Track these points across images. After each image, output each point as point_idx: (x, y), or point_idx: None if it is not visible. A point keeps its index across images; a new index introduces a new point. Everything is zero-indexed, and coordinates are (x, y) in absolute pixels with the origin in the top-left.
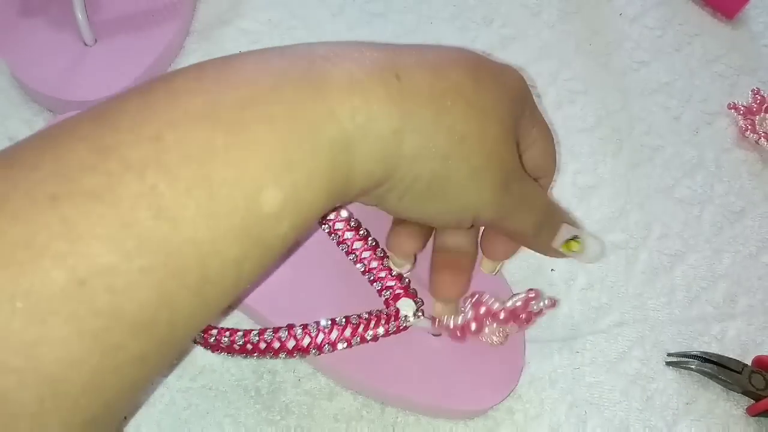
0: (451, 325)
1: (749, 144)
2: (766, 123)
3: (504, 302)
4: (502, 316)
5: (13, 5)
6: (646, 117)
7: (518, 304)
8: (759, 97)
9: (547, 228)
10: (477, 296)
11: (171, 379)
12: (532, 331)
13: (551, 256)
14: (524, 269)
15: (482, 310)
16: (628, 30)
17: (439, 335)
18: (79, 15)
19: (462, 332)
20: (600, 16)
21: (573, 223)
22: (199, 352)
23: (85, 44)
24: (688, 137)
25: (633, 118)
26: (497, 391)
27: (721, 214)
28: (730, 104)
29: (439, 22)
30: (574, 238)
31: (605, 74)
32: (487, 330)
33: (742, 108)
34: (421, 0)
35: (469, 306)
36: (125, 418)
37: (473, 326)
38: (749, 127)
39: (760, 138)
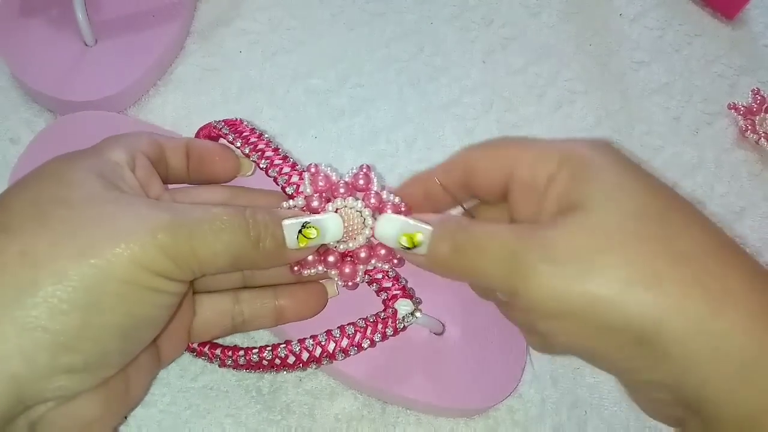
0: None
1: (749, 144)
2: (766, 123)
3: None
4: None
5: (13, 5)
6: (646, 117)
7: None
8: (759, 98)
9: (263, 239)
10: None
11: (172, 378)
12: None
13: (295, 259)
14: None
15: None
16: (628, 30)
17: (441, 334)
18: (80, 15)
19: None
20: (600, 16)
21: (282, 213)
22: None
23: (86, 44)
24: (688, 137)
25: (633, 118)
26: (498, 390)
27: (721, 214)
28: (730, 104)
29: (440, 22)
30: (305, 225)
31: (605, 74)
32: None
33: (742, 108)
34: (421, 0)
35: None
36: (126, 418)
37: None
38: (749, 127)
39: (760, 138)
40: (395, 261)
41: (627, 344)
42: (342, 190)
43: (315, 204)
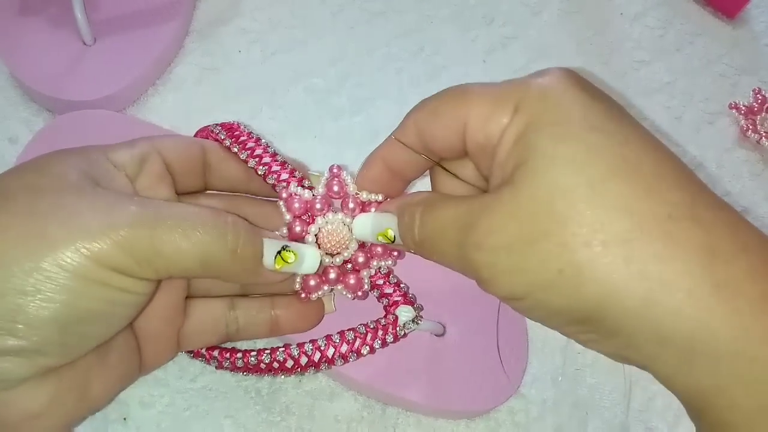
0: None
1: (750, 144)
2: (767, 123)
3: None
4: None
5: (12, 5)
6: (647, 117)
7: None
8: (760, 97)
9: (242, 247)
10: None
11: (171, 379)
12: (533, 331)
13: (269, 280)
14: None
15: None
16: (629, 29)
17: (441, 335)
18: (78, 14)
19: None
20: (601, 15)
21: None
22: None
23: (85, 44)
24: (689, 137)
25: (634, 117)
26: (499, 391)
27: None
28: (731, 104)
29: (440, 21)
30: (284, 248)
31: (606, 74)
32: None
33: (744, 108)
34: None
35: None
36: (125, 419)
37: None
38: (750, 126)
39: (761, 138)
40: (395, 254)
41: (574, 323)
42: (319, 207)
43: (297, 230)
